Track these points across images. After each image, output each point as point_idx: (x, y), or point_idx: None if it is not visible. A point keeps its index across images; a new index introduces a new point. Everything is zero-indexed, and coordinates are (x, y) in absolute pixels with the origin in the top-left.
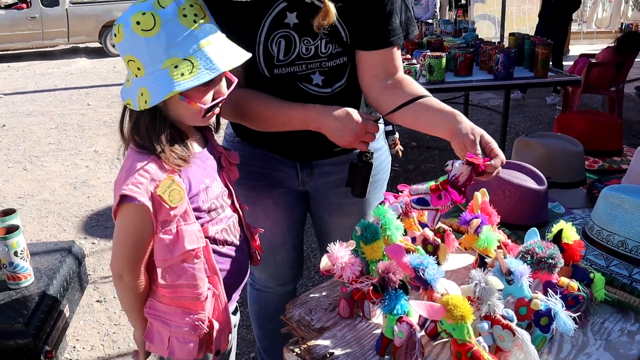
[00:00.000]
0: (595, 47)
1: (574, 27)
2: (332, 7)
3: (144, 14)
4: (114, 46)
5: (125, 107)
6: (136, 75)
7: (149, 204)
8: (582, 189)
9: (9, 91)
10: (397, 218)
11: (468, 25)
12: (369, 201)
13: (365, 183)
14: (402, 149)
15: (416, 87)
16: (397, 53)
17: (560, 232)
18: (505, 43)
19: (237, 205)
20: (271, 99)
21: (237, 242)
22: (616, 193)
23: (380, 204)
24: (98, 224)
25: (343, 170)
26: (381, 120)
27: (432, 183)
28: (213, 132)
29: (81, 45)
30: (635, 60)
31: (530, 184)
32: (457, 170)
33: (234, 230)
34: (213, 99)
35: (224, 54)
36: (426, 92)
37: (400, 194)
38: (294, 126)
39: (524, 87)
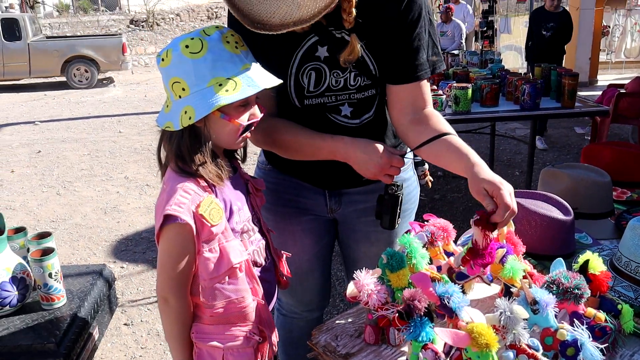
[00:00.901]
0: (625, 77)
1: (602, 57)
2: (357, 43)
3: (192, 39)
4: (80, 81)
5: (162, 134)
6: (180, 97)
7: (192, 223)
8: (610, 219)
9: (44, 118)
10: (423, 247)
11: (494, 56)
12: (396, 230)
13: (393, 215)
14: (432, 179)
15: (441, 124)
16: (426, 87)
17: (586, 262)
18: (532, 74)
19: (265, 230)
20: (301, 129)
21: (266, 265)
22: None
23: (406, 232)
24: (127, 248)
25: (371, 199)
26: (410, 152)
27: (464, 253)
28: (240, 162)
29: (44, 80)
30: None
31: (556, 214)
32: (474, 235)
33: (263, 253)
34: (248, 120)
35: (263, 75)
36: (450, 130)
37: (426, 223)
38: (322, 156)
39: (551, 117)
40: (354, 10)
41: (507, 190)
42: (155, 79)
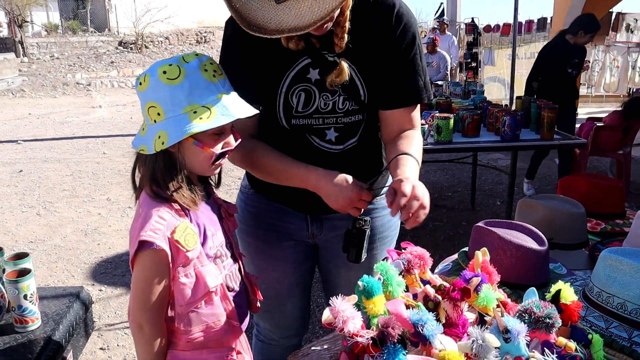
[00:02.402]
0: (604, 109)
1: (582, 91)
2: (346, 67)
3: (170, 65)
4: None
5: (137, 157)
6: (155, 121)
7: (167, 249)
8: (584, 250)
9: (28, 137)
10: (399, 274)
11: (477, 88)
12: (376, 257)
13: (360, 249)
14: None
15: (404, 145)
16: (416, 111)
17: (558, 292)
18: (513, 107)
19: (237, 255)
20: (279, 154)
21: (238, 289)
22: (615, 255)
23: (384, 260)
24: (106, 271)
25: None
26: (390, 181)
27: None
28: (213, 187)
29: None
30: None
31: (531, 244)
32: (446, 307)
33: (235, 278)
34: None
35: (238, 105)
36: (407, 150)
37: (403, 250)
38: (294, 183)
39: (530, 149)
40: (346, 36)
41: (410, 183)
42: None
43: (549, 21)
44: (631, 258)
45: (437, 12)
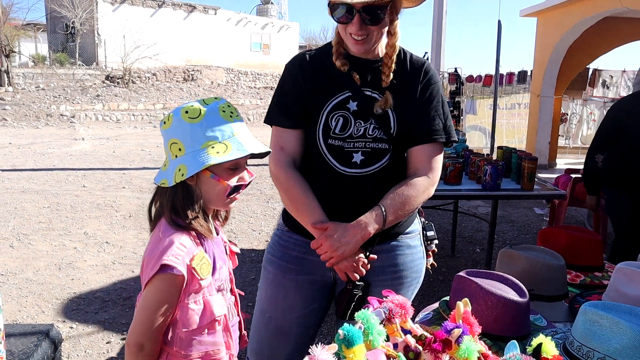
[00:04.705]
0: (581, 161)
1: (560, 142)
2: (390, 96)
3: (192, 106)
4: None
5: (157, 190)
6: (176, 156)
7: (185, 275)
8: (564, 302)
9: (7, 167)
10: (380, 323)
11: (459, 137)
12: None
13: (346, 308)
14: (435, 264)
15: (391, 192)
16: (433, 156)
17: (539, 346)
18: (494, 156)
19: (233, 289)
20: (312, 193)
21: (234, 323)
22: (595, 310)
23: (365, 308)
24: (79, 307)
25: (375, 263)
26: (415, 222)
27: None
28: (220, 224)
29: None
30: None
31: (512, 295)
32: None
33: (233, 310)
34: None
35: (252, 142)
36: (384, 200)
37: (384, 299)
38: (306, 219)
39: (510, 199)
40: (391, 74)
41: (324, 236)
42: (126, 135)
43: (529, 74)
44: (611, 313)
45: None
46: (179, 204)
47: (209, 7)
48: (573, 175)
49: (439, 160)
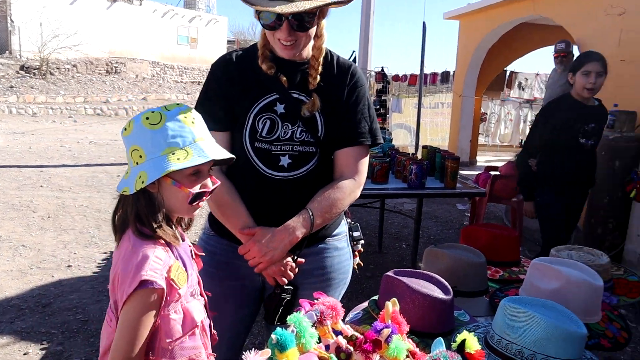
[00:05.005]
0: (500, 158)
1: (480, 140)
2: (317, 98)
3: (153, 112)
4: None
5: (119, 200)
6: (137, 163)
7: (165, 287)
8: (485, 297)
9: None
10: (312, 326)
11: (385, 135)
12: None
13: (274, 313)
14: (361, 264)
15: (317, 196)
16: (358, 159)
17: (463, 342)
18: (419, 154)
19: (201, 291)
20: (240, 199)
21: (207, 323)
22: (513, 304)
23: (296, 311)
24: None
25: (304, 265)
26: (342, 224)
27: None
28: (183, 230)
29: None
30: None
31: (438, 293)
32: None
33: (204, 312)
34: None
35: (213, 148)
36: (311, 204)
37: (315, 301)
38: (235, 225)
39: (434, 197)
40: (318, 77)
41: (252, 240)
42: (43, 130)
43: (452, 74)
44: (527, 307)
45: (349, 59)
46: (143, 212)
47: None
48: (492, 173)
49: (364, 163)
